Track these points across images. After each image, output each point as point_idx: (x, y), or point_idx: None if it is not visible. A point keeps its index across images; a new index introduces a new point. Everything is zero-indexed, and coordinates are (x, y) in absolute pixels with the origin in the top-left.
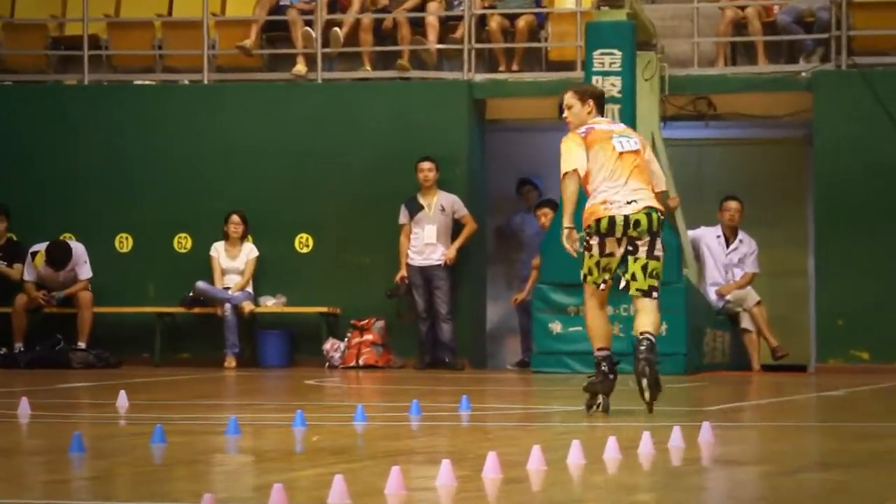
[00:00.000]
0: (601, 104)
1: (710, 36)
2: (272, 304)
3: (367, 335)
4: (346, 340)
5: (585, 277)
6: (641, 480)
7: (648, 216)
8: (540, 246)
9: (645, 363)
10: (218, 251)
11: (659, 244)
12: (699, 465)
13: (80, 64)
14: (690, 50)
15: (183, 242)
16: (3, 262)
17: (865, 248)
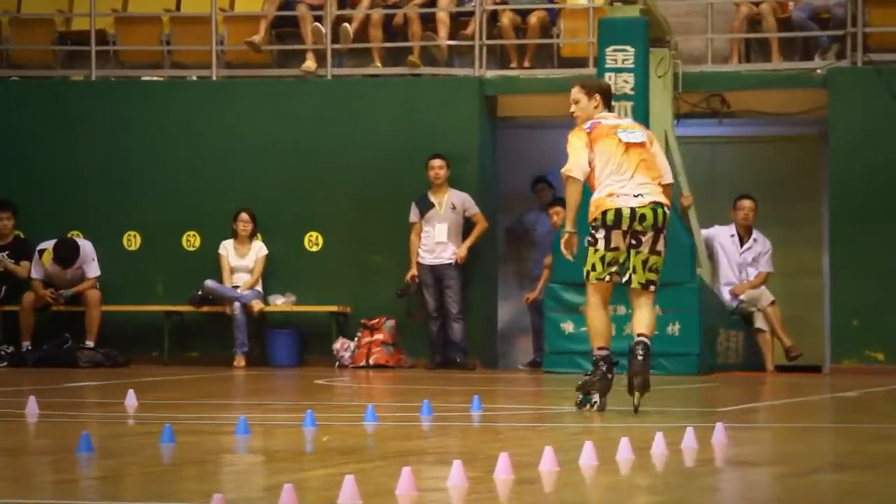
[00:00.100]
0: (608, 99)
1: (724, 32)
2: (281, 302)
3: (377, 334)
4: (356, 340)
5: (588, 274)
6: (654, 481)
7: (654, 211)
8: (552, 244)
9: (640, 367)
10: (227, 249)
11: (662, 240)
12: (712, 466)
13: (87, 59)
14: (704, 46)
15: (191, 240)
16: (10, 259)
17: (881, 247)
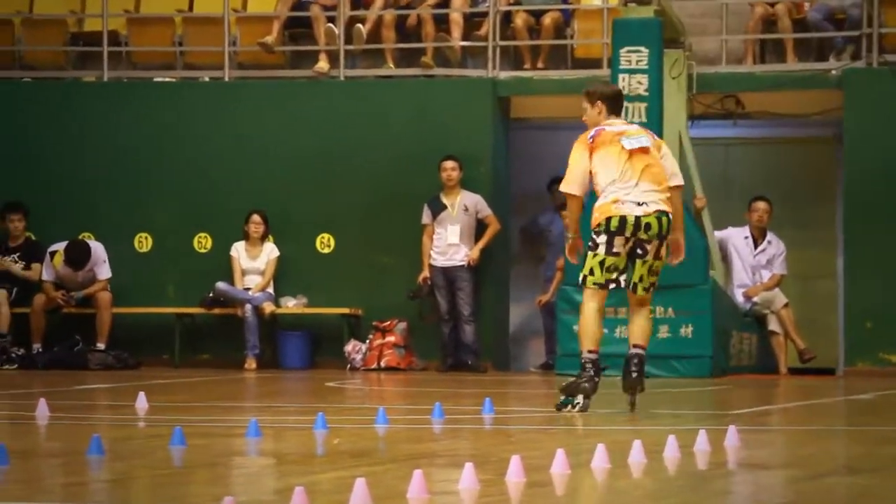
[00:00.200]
0: (615, 103)
1: (738, 33)
2: (293, 304)
3: (388, 337)
4: (367, 342)
5: (585, 279)
6: (666, 485)
7: (659, 220)
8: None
9: (633, 383)
10: (238, 251)
11: (665, 247)
12: (725, 469)
13: (99, 60)
14: (719, 47)
15: (203, 242)
16: (21, 261)
17: (895, 249)
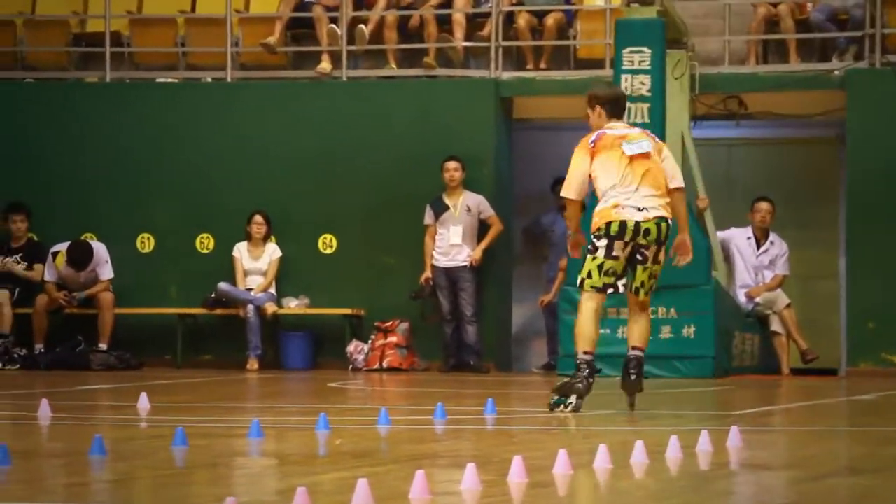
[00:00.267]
0: (615, 106)
1: (741, 34)
2: (295, 305)
3: (391, 337)
4: (369, 342)
5: (583, 282)
6: (669, 485)
7: (658, 226)
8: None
9: (632, 385)
10: (240, 252)
11: (663, 251)
12: (727, 469)
13: (101, 61)
14: (721, 48)
15: (205, 243)
16: (24, 262)
17: None
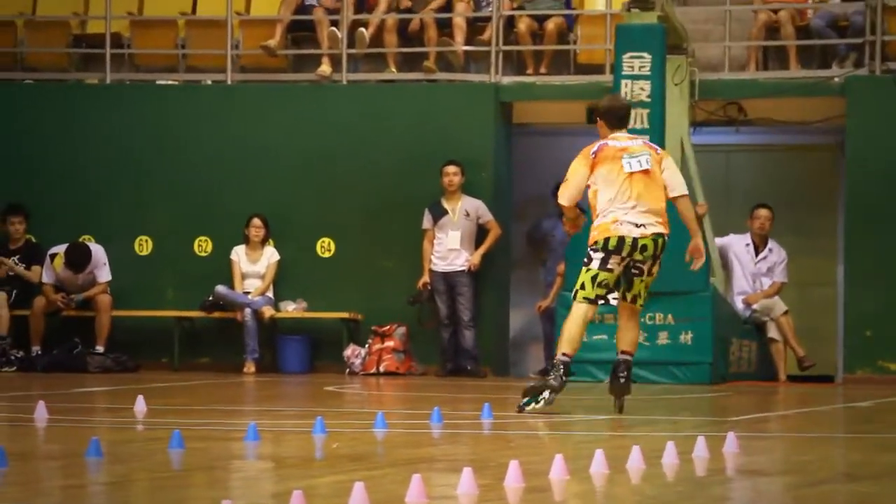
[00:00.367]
0: (614, 119)
1: (741, 40)
2: (293, 309)
3: (388, 341)
4: (367, 347)
5: (576, 293)
6: (665, 491)
7: (655, 242)
8: (565, 252)
9: (621, 389)
10: (238, 255)
11: (658, 264)
12: (724, 475)
13: (101, 63)
14: (721, 54)
15: (203, 246)
16: (21, 263)
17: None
